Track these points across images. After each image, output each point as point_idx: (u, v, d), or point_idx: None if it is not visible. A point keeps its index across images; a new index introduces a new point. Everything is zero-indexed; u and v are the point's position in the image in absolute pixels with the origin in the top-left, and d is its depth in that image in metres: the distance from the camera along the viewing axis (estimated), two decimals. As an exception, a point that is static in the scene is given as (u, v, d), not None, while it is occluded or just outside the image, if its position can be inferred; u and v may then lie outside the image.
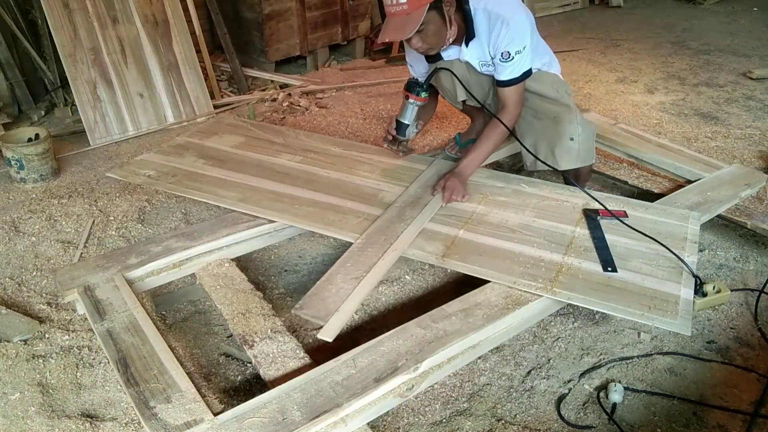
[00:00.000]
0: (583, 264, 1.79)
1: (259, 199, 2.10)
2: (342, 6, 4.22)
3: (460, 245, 1.87)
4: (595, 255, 1.82)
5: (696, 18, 5.54)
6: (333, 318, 1.57)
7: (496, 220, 2.00)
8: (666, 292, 1.67)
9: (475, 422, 1.61)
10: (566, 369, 1.78)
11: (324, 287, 1.69)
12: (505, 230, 1.94)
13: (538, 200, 2.11)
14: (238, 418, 1.30)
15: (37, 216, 2.48)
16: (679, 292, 1.67)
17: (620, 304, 1.63)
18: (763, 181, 2.34)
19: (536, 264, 1.78)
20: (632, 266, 1.77)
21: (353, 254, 1.83)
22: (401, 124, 2.25)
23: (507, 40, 1.96)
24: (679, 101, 3.65)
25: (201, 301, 2.05)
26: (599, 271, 1.76)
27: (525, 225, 1.97)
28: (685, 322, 1.57)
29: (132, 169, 2.32)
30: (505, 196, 2.14)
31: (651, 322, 1.59)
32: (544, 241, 1.89)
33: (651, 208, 2.08)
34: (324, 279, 1.73)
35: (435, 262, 1.81)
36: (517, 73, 2.03)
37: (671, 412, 1.64)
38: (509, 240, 1.90)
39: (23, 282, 2.11)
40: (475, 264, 1.78)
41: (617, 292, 1.67)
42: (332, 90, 3.88)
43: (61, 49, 2.98)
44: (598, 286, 1.70)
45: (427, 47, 2.01)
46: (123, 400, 1.65)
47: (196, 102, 3.38)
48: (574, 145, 2.11)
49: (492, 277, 1.73)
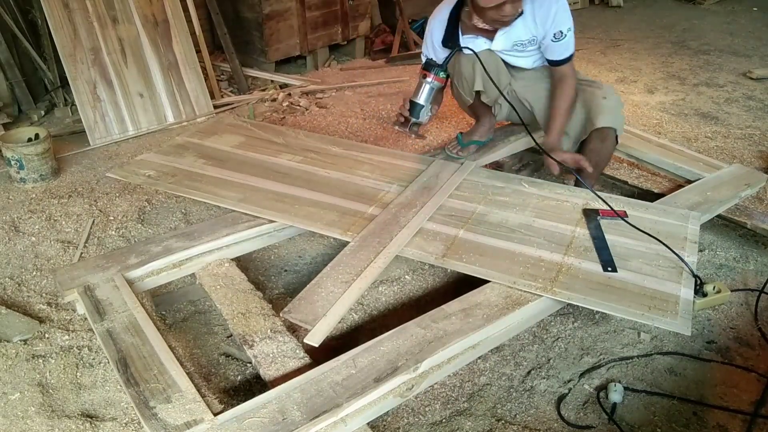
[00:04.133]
0: (583, 264, 1.78)
1: (259, 199, 2.09)
2: (342, 6, 4.22)
3: (460, 245, 1.87)
4: (595, 255, 1.82)
5: (696, 18, 5.54)
6: (320, 322, 1.56)
7: (497, 220, 1.99)
8: (666, 292, 1.67)
9: (475, 422, 1.61)
10: (566, 369, 1.78)
11: (314, 291, 1.68)
12: (506, 230, 1.94)
13: (539, 200, 2.11)
14: (238, 418, 1.30)
15: (37, 216, 2.48)
16: (679, 292, 1.67)
17: (620, 304, 1.63)
18: (763, 181, 2.34)
19: (536, 264, 1.78)
20: (632, 266, 1.77)
21: (345, 257, 1.81)
22: (415, 104, 2.19)
23: (559, 18, 2.05)
24: (679, 101, 3.65)
25: (201, 301, 2.05)
26: (599, 271, 1.75)
27: (525, 225, 1.97)
28: (686, 322, 1.57)
29: (132, 169, 2.31)
30: (506, 195, 2.14)
31: (651, 322, 1.58)
32: (544, 241, 1.88)
33: (651, 208, 2.08)
34: (314, 282, 1.71)
35: (435, 262, 1.80)
36: (572, 50, 2.12)
37: (671, 412, 1.64)
38: (509, 240, 1.89)
39: (23, 282, 2.11)
40: (475, 264, 1.78)
41: (617, 292, 1.67)
42: (332, 90, 3.88)
43: (61, 49, 2.98)
44: (598, 286, 1.70)
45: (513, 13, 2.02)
46: (123, 400, 1.65)
47: (196, 102, 3.38)
48: (609, 103, 2.16)
49: (492, 277, 1.73)
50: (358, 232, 1.92)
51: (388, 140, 3.11)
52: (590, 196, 2.11)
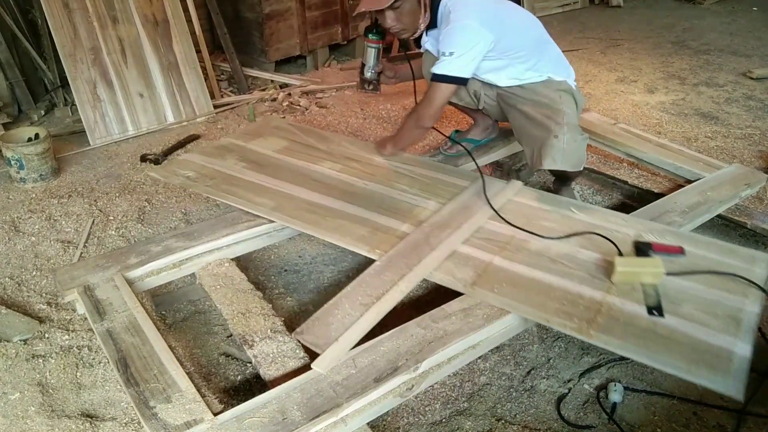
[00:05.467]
0: (627, 305, 1.58)
1: (291, 208, 2.01)
2: (342, 6, 4.22)
3: (493, 273, 1.71)
4: (641, 295, 1.60)
5: (696, 18, 5.54)
6: (330, 348, 1.47)
7: (537, 248, 1.81)
8: (718, 346, 1.45)
9: (475, 422, 1.61)
10: (566, 369, 1.78)
11: (330, 311, 1.59)
12: (546, 260, 1.75)
13: (586, 228, 1.90)
14: (238, 418, 1.30)
15: (37, 216, 2.48)
16: (735, 347, 1.45)
17: (663, 354, 1.43)
18: (763, 181, 2.34)
19: (574, 301, 1.60)
20: (683, 312, 1.55)
21: (368, 277, 1.71)
22: (362, 65, 2.46)
23: (442, 37, 2.01)
24: (679, 101, 3.65)
25: (201, 301, 2.05)
26: (644, 314, 1.55)
27: (568, 256, 1.77)
28: (738, 384, 1.35)
29: (172, 169, 2.28)
30: (552, 221, 1.94)
31: (696, 380, 1.38)
32: (586, 276, 1.69)
33: (713, 245, 1.83)
34: (332, 303, 1.63)
35: (463, 290, 1.65)
36: (440, 71, 1.99)
37: (671, 412, 1.64)
38: (548, 272, 1.71)
39: (23, 282, 2.11)
40: (506, 296, 1.62)
41: (661, 341, 1.47)
42: (332, 90, 3.88)
43: (61, 49, 2.98)
44: (640, 332, 1.50)
45: (401, 27, 2.07)
46: (123, 400, 1.65)
47: (196, 102, 3.38)
48: (559, 143, 2.02)
49: (523, 312, 1.58)
50: (387, 250, 1.81)
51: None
52: (644, 228, 1.91)
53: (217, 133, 3.23)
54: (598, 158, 2.74)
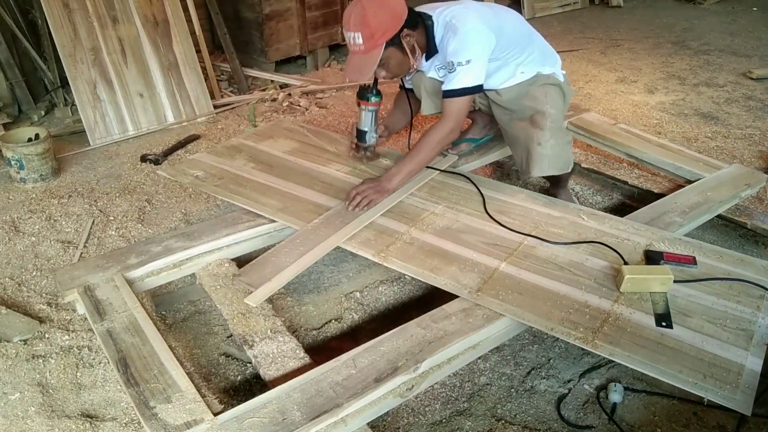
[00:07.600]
0: (634, 315, 1.56)
1: (298, 210, 2.02)
2: (342, 6, 4.22)
3: (499, 280, 1.70)
4: (649, 305, 1.59)
5: (696, 18, 5.54)
6: (263, 286, 1.68)
7: (545, 255, 1.79)
8: (728, 359, 1.43)
9: (475, 422, 1.61)
10: (566, 369, 1.78)
11: (267, 259, 1.80)
12: (553, 267, 1.74)
13: (596, 235, 1.88)
14: (238, 418, 1.30)
15: (37, 216, 2.48)
16: (745, 361, 1.43)
17: (670, 367, 1.41)
18: (763, 181, 2.34)
19: (580, 310, 1.59)
20: (692, 324, 1.54)
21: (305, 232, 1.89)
22: (360, 131, 2.29)
23: (452, 50, 1.96)
24: (679, 101, 3.65)
25: (201, 301, 2.05)
26: (652, 325, 1.53)
27: (576, 263, 1.76)
28: (746, 399, 1.34)
29: (182, 168, 2.29)
30: (561, 227, 1.93)
31: (704, 394, 1.36)
32: (594, 284, 1.67)
33: (725, 255, 1.81)
34: (269, 252, 1.83)
35: (468, 297, 1.65)
36: (456, 86, 1.96)
37: (671, 412, 1.64)
38: (555, 279, 1.70)
39: (23, 282, 2.11)
40: (512, 304, 1.61)
41: (669, 353, 1.45)
42: (332, 90, 3.88)
43: (61, 49, 2.98)
44: (648, 343, 1.48)
45: (392, 76, 2.10)
46: (123, 400, 1.65)
47: (196, 102, 3.38)
48: (543, 150, 2.06)
49: (528, 320, 1.57)
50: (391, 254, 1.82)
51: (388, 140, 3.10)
52: (655, 237, 1.88)
53: (217, 133, 3.23)
54: (598, 158, 2.74)
